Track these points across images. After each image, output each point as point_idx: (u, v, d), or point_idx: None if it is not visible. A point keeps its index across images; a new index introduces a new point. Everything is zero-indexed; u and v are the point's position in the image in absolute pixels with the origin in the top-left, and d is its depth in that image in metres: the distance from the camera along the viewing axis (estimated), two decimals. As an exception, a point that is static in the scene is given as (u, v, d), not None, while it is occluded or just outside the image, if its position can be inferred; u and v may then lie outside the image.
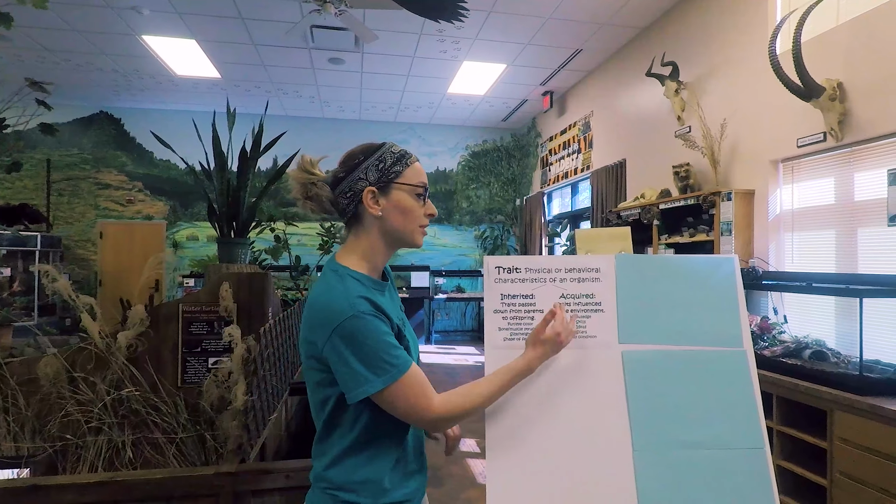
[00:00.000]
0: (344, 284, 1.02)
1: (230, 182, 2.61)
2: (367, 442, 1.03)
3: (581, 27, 5.22)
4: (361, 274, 1.06)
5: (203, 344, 2.04)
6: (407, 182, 1.06)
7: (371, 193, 1.05)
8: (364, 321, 0.96)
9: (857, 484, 2.28)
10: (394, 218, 1.06)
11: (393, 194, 1.05)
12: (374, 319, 0.98)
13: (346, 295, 0.99)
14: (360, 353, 0.96)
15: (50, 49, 5.89)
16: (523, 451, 1.10)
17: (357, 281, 1.04)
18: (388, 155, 1.06)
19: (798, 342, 2.94)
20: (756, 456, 1.10)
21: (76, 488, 1.51)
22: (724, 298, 1.21)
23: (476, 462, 3.64)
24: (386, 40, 5.52)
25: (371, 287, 1.05)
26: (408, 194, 1.06)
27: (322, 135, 8.56)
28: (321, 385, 1.04)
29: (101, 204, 8.06)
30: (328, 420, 1.05)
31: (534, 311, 1.18)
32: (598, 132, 6.31)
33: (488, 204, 9.11)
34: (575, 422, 1.12)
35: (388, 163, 1.05)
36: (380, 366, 0.96)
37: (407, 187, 1.06)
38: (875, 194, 2.92)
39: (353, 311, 0.96)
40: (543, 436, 1.11)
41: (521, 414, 1.12)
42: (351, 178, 1.05)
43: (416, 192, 1.06)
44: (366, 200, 1.05)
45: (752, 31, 3.79)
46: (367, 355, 0.96)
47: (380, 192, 1.05)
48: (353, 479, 1.03)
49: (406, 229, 1.07)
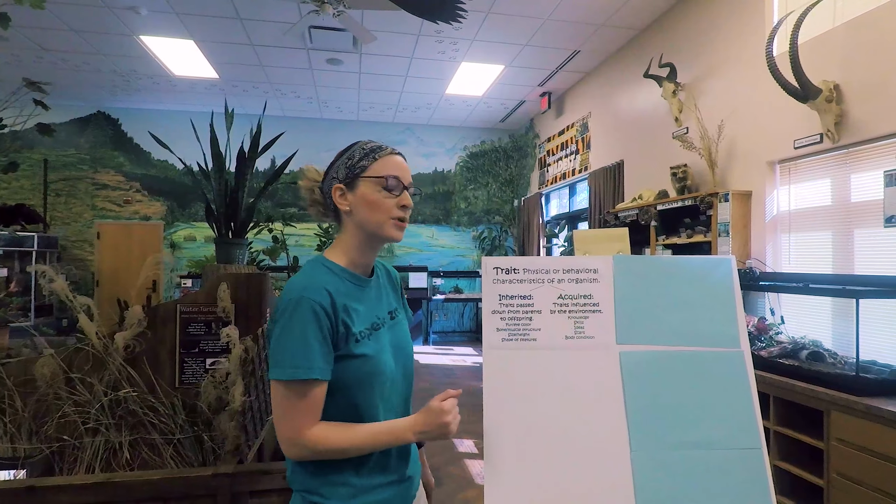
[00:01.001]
0: (314, 272, 1.04)
1: (228, 182, 2.61)
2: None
3: (579, 28, 5.23)
4: (338, 265, 1.07)
5: (201, 344, 2.03)
6: (373, 175, 1.06)
7: (339, 190, 1.07)
8: (303, 309, 0.96)
9: (854, 484, 2.28)
10: (362, 212, 1.06)
11: (359, 189, 1.06)
12: (312, 313, 0.97)
13: (306, 278, 1.01)
14: (283, 334, 0.96)
15: (47, 49, 5.88)
16: (521, 452, 1.10)
17: (329, 271, 1.05)
18: (358, 151, 1.08)
19: (795, 343, 2.95)
20: (753, 456, 1.10)
21: (73, 489, 1.51)
22: (721, 299, 1.21)
23: (474, 462, 3.64)
24: (384, 41, 5.52)
25: (346, 279, 1.06)
26: (374, 186, 1.05)
27: (320, 135, 8.56)
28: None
29: (99, 204, 8.05)
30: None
31: (532, 312, 1.18)
32: (595, 133, 6.32)
33: (486, 205, 9.11)
34: (573, 422, 1.12)
35: (355, 159, 1.07)
36: (282, 357, 0.96)
37: (373, 180, 1.05)
38: (871, 195, 2.93)
39: (304, 293, 0.98)
40: (541, 437, 1.11)
41: (518, 415, 1.12)
42: (327, 178, 1.10)
43: (382, 185, 1.05)
44: (335, 198, 1.08)
45: (749, 33, 3.80)
46: (285, 340, 0.96)
47: (347, 187, 1.07)
48: (315, 479, 1.02)
49: (375, 222, 1.06)
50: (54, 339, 3.54)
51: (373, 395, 1.04)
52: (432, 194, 9.10)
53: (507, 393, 1.11)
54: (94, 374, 1.85)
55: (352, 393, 1.02)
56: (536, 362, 1.14)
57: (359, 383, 1.02)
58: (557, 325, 1.17)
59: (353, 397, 1.02)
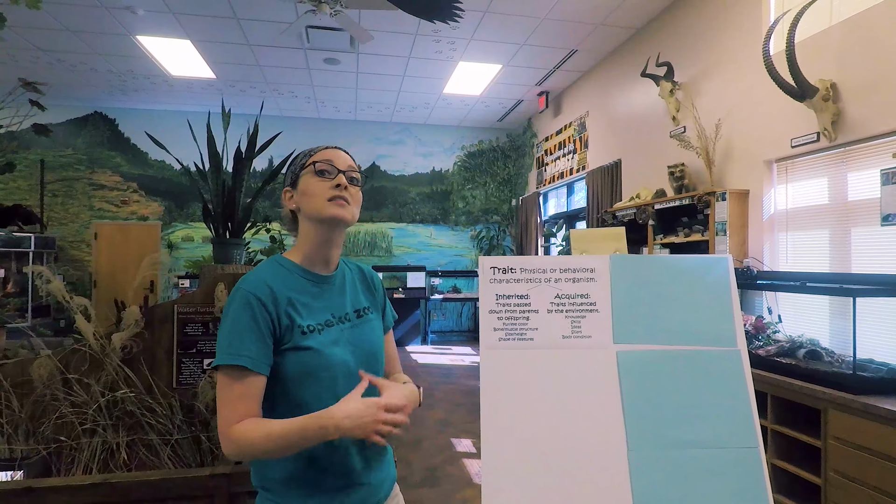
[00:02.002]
0: (261, 267, 1.08)
1: (225, 182, 2.61)
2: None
3: (576, 28, 5.24)
4: (291, 262, 1.10)
5: (198, 345, 2.03)
6: (307, 167, 1.09)
7: (288, 193, 1.13)
8: (239, 297, 1.00)
9: (851, 482, 2.29)
10: (304, 203, 1.09)
11: (300, 184, 1.10)
12: (247, 307, 0.99)
13: (253, 273, 1.05)
14: (222, 324, 1.00)
15: (44, 49, 5.86)
16: (518, 452, 1.10)
17: (281, 266, 1.09)
18: (300, 156, 1.13)
19: (792, 341, 2.96)
20: (750, 455, 1.11)
21: (70, 490, 1.50)
22: (718, 298, 1.21)
23: (472, 462, 3.64)
24: (381, 41, 5.52)
25: (298, 275, 1.09)
26: (309, 177, 1.09)
27: (317, 135, 8.55)
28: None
29: (96, 205, 8.03)
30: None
31: (529, 312, 1.19)
32: (593, 132, 6.32)
33: (484, 204, 9.11)
34: (570, 422, 1.13)
35: (297, 162, 1.12)
36: (223, 344, 0.97)
37: (307, 171, 1.09)
38: (868, 194, 2.94)
39: (242, 285, 1.02)
40: (538, 436, 1.11)
41: (516, 415, 1.12)
42: (282, 190, 1.15)
43: (313, 171, 1.08)
44: (285, 201, 1.13)
45: (746, 32, 3.80)
46: (223, 329, 0.99)
47: (292, 187, 1.12)
48: (266, 476, 1.04)
49: (315, 206, 1.08)
50: (51, 339, 3.54)
51: (320, 390, 1.03)
52: (430, 194, 9.09)
53: (504, 392, 1.11)
54: (92, 374, 1.85)
55: (297, 386, 1.02)
56: (533, 362, 1.15)
57: (305, 376, 1.02)
58: (554, 324, 1.17)
59: (299, 392, 1.02)
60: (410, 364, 6.92)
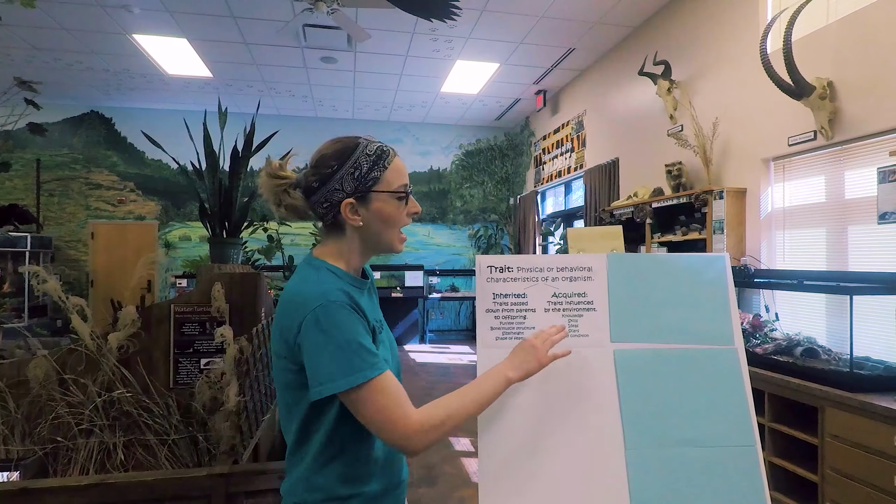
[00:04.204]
0: (319, 275, 0.98)
1: (222, 182, 2.60)
2: (341, 452, 0.97)
3: (573, 26, 5.23)
4: (339, 269, 1.01)
5: (195, 345, 2.03)
6: (387, 189, 1.00)
7: (350, 206, 0.99)
8: (336, 310, 0.91)
9: (848, 480, 2.30)
10: (375, 226, 1.01)
11: (373, 203, 1.00)
12: (349, 312, 0.92)
13: (319, 284, 0.95)
14: (328, 345, 0.89)
15: (39, 48, 5.84)
16: (516, 451, 1.11)
17: (333, 274, 0.99)
18: (364, 160, 0.99)
19: (789, 339, 2.97)
20: (747, 453, 1.11)
21: (66, 491, 1.50)
22: (715, 296, 1.21)
23: (470, 461, 3.64)
24: (379, 39, 5.51)
25: (349, 283, 1.00)
26: (389, 199, 1.00)
27: (315, 134, 8.49)
28: (291, 387, 0.97)
29: (92, 204, 8.00)
30: (301, 427, 0.97)
31: (526, 311, 1.18)
32: (591, 131, 6.32)
33: (482, 203, 9.11)
34: (567, 421, 1.13)
35: (363, 169, 0.99)
36: (347, 363, 0.89)
37: (387, 193, 1.00)
38: (865, 192, 2.94)
39: (325, 299, 0.91)
40: (536, 435, 1.11)
41: (513, 413, 1.12)
42: (326, 188, 0.99)
43: (397, 196, 1.01)
44: (345, 213, 0.99)
45: (743, 30, 3.81)
46: (335, 349, 0.89)
47: (358, 202, 0.99)
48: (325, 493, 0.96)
49: (387, 236, 1.03)
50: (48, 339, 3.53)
51: None
52: (428, 193, 9.08)
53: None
54: (88, 374, 1.84)
55: None
56: (531, 361, 1.14)
57: None
58: (551, 323, 1.16)
59: None
60: (409, 363, 6.92)
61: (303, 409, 0.96)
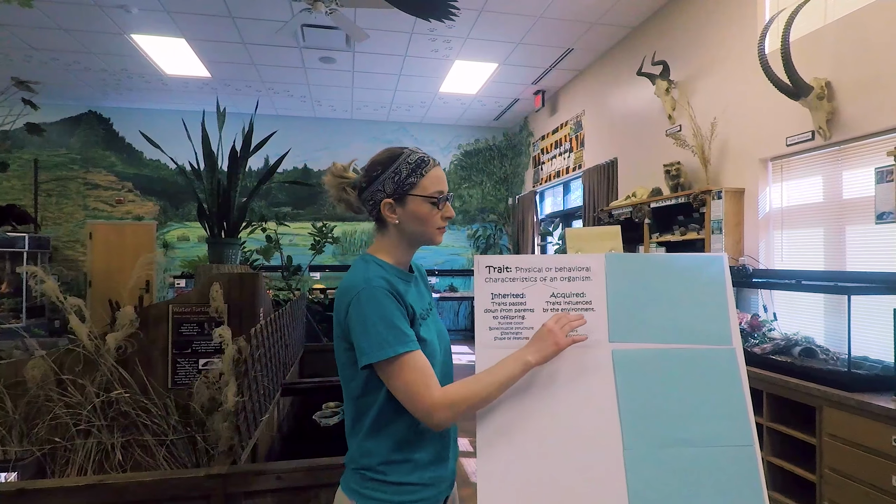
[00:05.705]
0: (367, 266, 1.11)
1: (220, 182, 2.60)
2: (391, 422, 1.09)
3: (572, 26, 5.24)
4: (386, 262, 1.15)
5: (193, 345, 2.02)
6: (421, 193, 1.13)
7: (388, 205, 1.14)
8: (373, 293, 1.04)
9: (846, 479, 2.30)
10: (411, 224, 1.14)
11: (409, 205, 1.13)
12: (385, 296, 1.04)
13: (365, 272, 1.09)
14: (366, 322, 1.03)
15: (37, 48, 5.82)
16: (514, 450, 1.10)
17: (380, 266, 1.13)
18: (404, 166, 1.13)
19: (788, 339, 2.97)
20: (745, 453, 1.11)
21: (64, 492, 1.49)
22: (713, 296, 1.21)
23: (468, 461, 3.64)
24: (377, 39, 5.50)
25: (394, 275, 1.13)
26: (423, 203, 1.13)
27: (313, 134, 8.53)
28: (347, 365, 1.10)
29: (91, 204, 7.99)
30: (357, 401, 1.11)
31: (524, 311, 1.19)
32: (589, 131, 6.33)
33: (481, 203, 9.11)
34: (565, 420, 1.13)
35: (402, 175, 1.13)
36: (381, 338, 1.01)
37: (421, 198, 1.13)
38: (863, 192, 2.95)
39: (367, 283, 1.05)
40: (534, 435, 1.11)
41: (511, 413, 1.12)
42: (371, 188, 1.15)
43: (430, 201, 1.13)
44: (384, 211, 1.14)
45: (741, 31, 3.81)
46: (371, 326, 1.02)
47: (396, 202, 1.14)
48: (379, 458, 1.09)
49: (423, 234, 1.16)
50: (46, 340, 3.52)
51: None
52: (427, 193, 9.08)
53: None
54: (86, 375, 1.84)
55: None
56: (529, 361, 1.14)
57: None
58: (550, 323, 1.16)
59: None
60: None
61: (358, 385, 1.10)
